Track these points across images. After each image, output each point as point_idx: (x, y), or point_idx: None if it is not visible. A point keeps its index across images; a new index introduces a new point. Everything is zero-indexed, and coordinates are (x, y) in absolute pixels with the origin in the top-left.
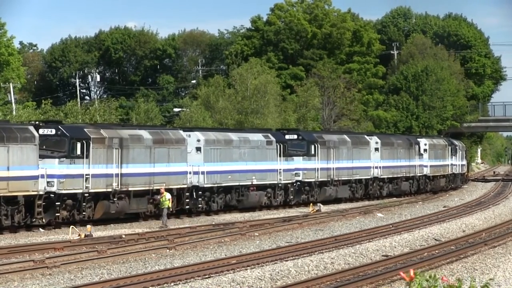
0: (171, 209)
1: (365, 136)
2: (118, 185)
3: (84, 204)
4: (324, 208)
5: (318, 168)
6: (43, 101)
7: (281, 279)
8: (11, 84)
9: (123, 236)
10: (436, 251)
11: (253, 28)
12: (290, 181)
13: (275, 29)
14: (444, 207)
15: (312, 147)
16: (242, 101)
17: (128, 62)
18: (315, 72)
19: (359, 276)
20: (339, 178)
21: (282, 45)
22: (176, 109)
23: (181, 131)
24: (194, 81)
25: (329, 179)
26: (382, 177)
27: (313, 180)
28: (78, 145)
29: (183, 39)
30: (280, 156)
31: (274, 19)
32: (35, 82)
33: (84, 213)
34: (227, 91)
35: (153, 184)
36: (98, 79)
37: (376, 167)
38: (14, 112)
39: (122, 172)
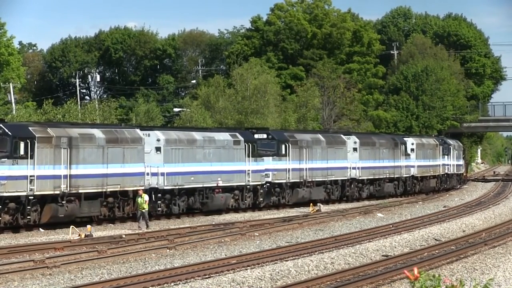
0: (149, 211)
1: (342, 135)
2: (67, 187)
3: (28, 207)
4: (324, 208)
5: (289, 169)
6: (44, 101)
7: (281, 279)
8: (11, 84)
9: (123, 236)
10: (436, 251)
11: (253, 28)
12: (259, 183)
13: (275, 29)
14: (444, 207)
15: (283, 146)
16: (242, 101)
17: (128, 62)
18: (315, 72)
19: (359, 276)
20: (313, 179)
21: (282, 45)
22: (176, 109)
23: (137, 130)
24: (194, 81)
25: (301, 180)
26: (360, 178)
27: (284, 181)
28: (22, 144)
29: (183, 39)
30: (248, 156)
31: (274, 19)
32: (35, 82)
33: (29, 217)
34: (227, 91)
35: (106, 186)
36: (98, 79)
37: (354, 168)
38: (14, 112)
39: (72, 173)
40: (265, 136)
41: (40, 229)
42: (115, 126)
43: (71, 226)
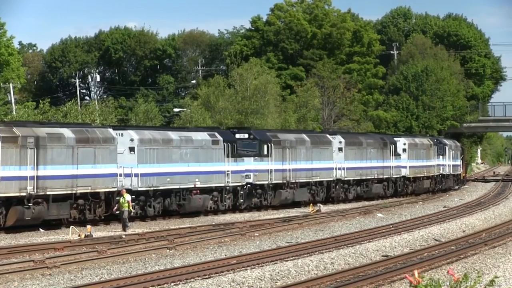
0: (132, 212)
1: (327, 135)
2: (33, 188)
3: None
4: (324, 208)
5: (271, 170)
6: (41, 101)
7: (281, 279)
8: (11, 84)
9: (123, 236)
10: (436, 251)
11: (253, 28)
12: (239, 184)
13: (275, 29)
14: (444, 207)
15: (265, 146)
16: (242, 101)
17: (128, 62)
18: (315, 72)
19: (359, 277)
20: (297, 180)
21: (282, 45)
22: (176, 109)
23: (110, 130)
24: (194, 81)
25: (284, 181)
26: (346, 179)
27: (266, 182)
28: None
29: (183, 39)
30: (228, 156)
31: (274, 19)
32: (35, 82)
33: None
34: (227, 91)
35: (76, 188)
36: (98, 79)
37: (340, 168)
38: (14, 112)
39: (39, 174)
40: (246, 136)
41: (40, 229)
42: (86, 126)
43: (71, 226)
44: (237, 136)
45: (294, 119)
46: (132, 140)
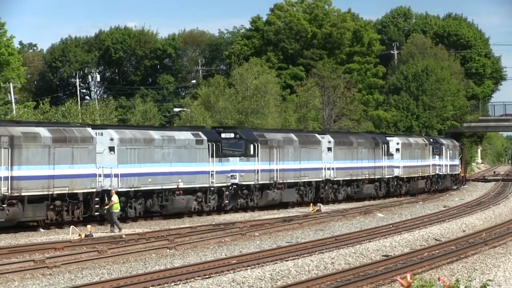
0: (120, 213)
1: (316, 135)
2: (8, 189)
3: None
4: (324, 208)
5: (258, 170)
6: (41, 101)
7: (281, 279)
8: (11, 84)
9: (123, 236)
10: (436, 251)
11: (253, 28)
12: (224, 184)
13: (275, 29)
14: (444, 207)
15: (251, 146)
16: (242, 101)
17: (128, 62)
18: (315, 72)
19: (360, 276)
20: (284, 181)
21: (282, 45)
22: (176, 109)
23: (88, 129)
24: (194, 81)
25: (272, 182)
26: (336, 179)
27: (252, 182)
28: None
29: (183, 39)
30: (212, 156)
31: (274, 19)
32: (35, 82)
33: None
34: (227, 91)
35: (52, 189)
36: (98, 79)
37: (329, 169)
38: (14, 112)
39: (13, 174)
40: (232, 135)
41: (40, 229)
42: (63, 125)
43: (71, 226)
44: (223, 135)
45: (294, 119)
46: (112, 139)
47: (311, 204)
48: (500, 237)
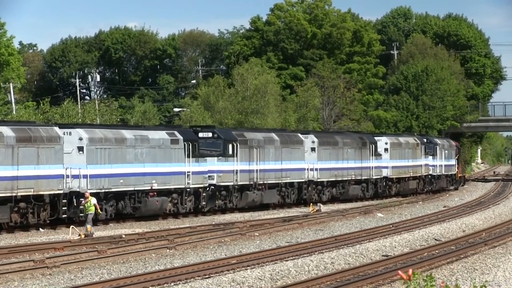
0: (99, 215)
1: (299, 134)
2: None
3: None
4: (324, 208)
5: (237, 170)
6: (41, 101)
7: (281, 279)
8: (11, 84)
9: (123, 236)
10: (436, 251)
11: (252, 28)
12: (201, 185)
13: (275, 29)
14: (444, 207)
15: (230, 146)
16: (242, 101)
17: (128, 62)
18: (315, 72)
19: (359, 276)
20: (265, 182)
21: (282, 45)
22: (176, 109)
23: (55, 128)
24: (194, 81)
25: (252, 183)
26: (320, 180)
27: (231, 183)
28: None
29: (183, 39)
30: (188, 156)
31: (274, 19)
32: (35, 82)
33: None
34: (227, 91)
35: (16, 190)
36: (98, 79)
37: (312, 169)
38: (14, 112)
39: None
40: (210, 134)
41: (40, 229)
42: (28, 124)
43: (71, 226)
44: (200, 135)
45: (294, 119)
46: (80, 139)
47: (311, 204)
48: (500, 237)
